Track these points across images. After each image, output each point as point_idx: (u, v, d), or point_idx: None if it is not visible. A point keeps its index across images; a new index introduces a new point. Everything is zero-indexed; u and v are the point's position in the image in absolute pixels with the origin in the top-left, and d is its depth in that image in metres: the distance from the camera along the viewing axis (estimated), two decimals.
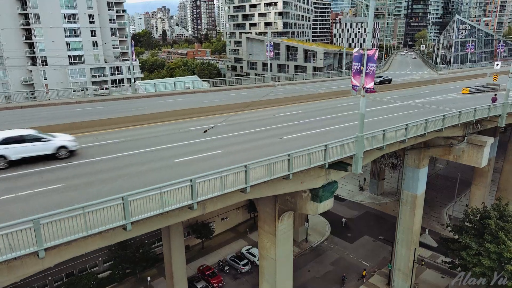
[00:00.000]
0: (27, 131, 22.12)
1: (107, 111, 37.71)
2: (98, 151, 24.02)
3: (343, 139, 22.53)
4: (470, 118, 34.08)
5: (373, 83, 21.34)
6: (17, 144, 20.97)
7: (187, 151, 24.46)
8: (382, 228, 59.67)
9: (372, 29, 21.99)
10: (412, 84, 62.33)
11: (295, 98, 44.25)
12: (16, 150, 20.86)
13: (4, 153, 20.51)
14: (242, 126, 32.10)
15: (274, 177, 19.14)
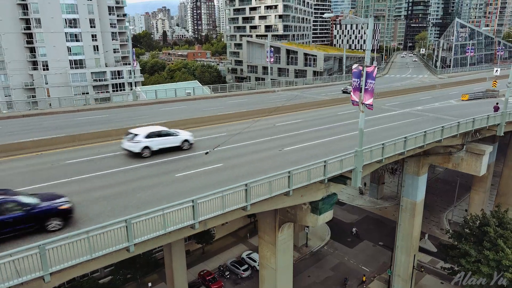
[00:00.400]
0: (162, 128, 27.79)
1: (109, 120, 38.05)
2: None
3: (342, 154, 22.83)
4: (469, 128, 34.37)
5: (372, 99, 21.61)
6: (157, 137, 26.52)
7: (188, 165, 24.73)
8: (382, 233, 59.93)
9: (371, 43, 22.26)
10: (411, 90, 62.54)
11: (295, 106, 44.56)
12: (157, 142, 26.50)
13: (149, 145, 26.02)
14: (242, 137, 32.31)
15: (274, 194, 19.44)
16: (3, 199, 14.92)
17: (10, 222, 14.28)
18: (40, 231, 15.03)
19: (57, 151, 27.49)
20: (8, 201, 14.86)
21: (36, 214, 15.04)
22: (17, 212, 14.68)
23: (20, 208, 14.85)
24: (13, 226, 14.37)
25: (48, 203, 15.83)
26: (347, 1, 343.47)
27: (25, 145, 26.69)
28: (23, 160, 25.46)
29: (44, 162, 24.95)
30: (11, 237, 14.37)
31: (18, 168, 23.75)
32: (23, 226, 14.65)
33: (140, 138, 25.95)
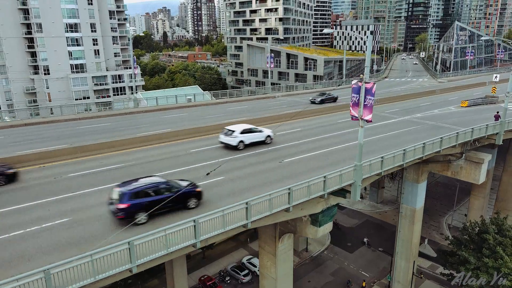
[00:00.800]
0: (251, 126, 33.43)
1: (111, 129, 38.32)
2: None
3: (341, 168, 23.10)
4: (468, 138, 34.62)
5: (371, 115, 21.88)
6: (248, 133, 32.25)
7: (190, 178, 24.96)
8: (382, 237, 60.09)
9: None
10: (411, 96, 62.73)
11: (295, 114, 44.74)
12: (248, 137, 32.24)
13: (243, 139, 31.80)
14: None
15: (274, 211, 19.71)
16: (160, 183, 19.90)
17: (164, 200, 18.95)
18: (182, 208, 19.89)
19: (60, 163, 27.73)
20: (163, 185, 19.76)
21: (182, 195, 19.71)
22: (169, 193, 19.52)
23: (171, 190, 19.72)
24: (167, 203, 18.89)
25: (189, 187, 20.48)
26: (347, 2, 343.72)
27: (27, 158, 26.91)
28: (26, 173, 25.71)
29: (46, 176, 25.19)
30: (165, 212, 19.27)
31: (19, 183, 23.95)
32: (172, 204, 19.29)
33: (236, 133, 31.76)
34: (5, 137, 34.74)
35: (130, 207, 18.25)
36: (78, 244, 16.52)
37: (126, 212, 18.20)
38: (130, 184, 19.50)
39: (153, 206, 18.39)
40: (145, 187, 19.32)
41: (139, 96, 59.36)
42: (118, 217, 18.42)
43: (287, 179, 24.35)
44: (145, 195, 18.97)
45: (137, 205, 18.40)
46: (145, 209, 18.38)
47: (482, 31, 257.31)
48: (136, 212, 18.31)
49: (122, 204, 18.26)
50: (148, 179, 20.29)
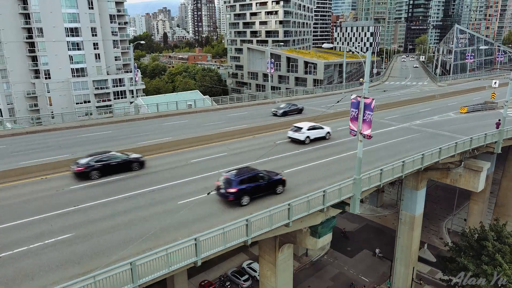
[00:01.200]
0: (315, 123, 38.86)
1: (113, 137, 38.55)
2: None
3: (341, 182, 23.34)
4: (466, 147, 34.86)
5: (370, 130, 22.10)
6: (313, 130, 37.58)
7: (191, 191, 25.24)
8: (382, 242, 60.25)
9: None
10: (410, 102, 62.89)
11: (295, 122, 44.99)
12: (313, 133, 37.61)
13: (309, 135, 37.08)
14: (243, 157, 32.81)
15: (274, 226, 19.97)
16: (257, 172, 24.27)
17: (261, 186, 23.64)
18: (272, 194, 24.15)
19: (61, 174, 27.96)
20: (259, 174, 24.15)
21: (272, 182, 24.17)
22: (263, 180, 23.90)
23: (265, 178, 24.02)
24: (262, 189, 23.63)
25: (277, 176, 24.70)
26: (347, 3, 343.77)
27: (30, 170, 27.15)
28: (28, 185, 25.97)
29: (49, 188, 25.42)
30: (260, 196, 23.67)
31: (22, 196, 24.21)
32: (266, 190, 23.93)
33: (304, 130, 37.10)
34: (7, 146, 34.95)
35: (238, 192, 22.61)
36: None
37: (235, 196, 22.52)
38: (234, 173, 23.77)
39: (253, 191, 23.20)
40: (248, 175, 23.50)
41: (139, 101, 59.57)
42: (229, 199, 22.67)
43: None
44: (248, 182, 23.18)
45: (243, 190, 22.78)
46: (248, 193, 22.88)
47: (482, 32, 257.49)
48: (242, 195, 22.69)
49: (232, 188, 22.51)
50: (245, 169, 24.62)
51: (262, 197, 23.62)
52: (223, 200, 22.98)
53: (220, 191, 23.31)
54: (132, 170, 28.51)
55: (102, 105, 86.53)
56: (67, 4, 79.68)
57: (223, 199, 23.01)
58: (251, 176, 23.56)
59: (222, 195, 23.05)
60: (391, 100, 65.46)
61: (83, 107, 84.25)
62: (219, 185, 23.59)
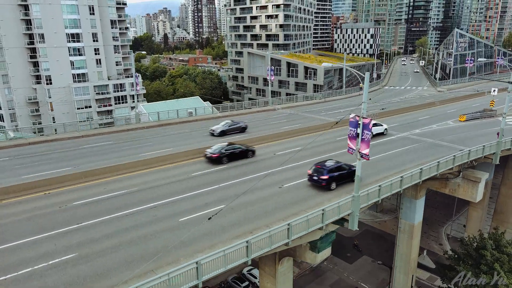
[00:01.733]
0: (377, 121, 45.67)
1: (114, 149, 38.87)
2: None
3: (340, 200, 23.72)
4: (465, 159, 35.20)
5: (368, 149, 22.44)
6: (375, 126, 44.67)
7: (191, 206, 25.60)
8: (381, 248, 60.49)
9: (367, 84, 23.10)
10: (410, 109, 63.15)
11: (294, 132, 45.42)
12: (376, 129, 44.83)
13: (373, 131, 43.17)
14: (243, 170, 33.18)
15: (274, 246, 20.34)
16: (340, 163, 30.17)
17: (344, 175, 29.43)
18: (350, 181, 29.09)
19: (65, 189, 28.32)
20: (342, 165, 29.96)
21: (351, 172, 29.45)
22: (345, 170, 29.77)
23: (346, 168, 29.96)
24: (344, 177, 29.48)
25: (354, 167, 28.26)
26: (347, 4, 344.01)
27: (33, 185, 27.52)
28: (31, 201, 26.32)
29: (51, 204, 25.76)
30: (342, 183, 29.30)
31: (25, 213, 24.55)
32: (347, 178, 29.65)
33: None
34: (10, 159, 35.32)
35: (329, 179, 28.43)
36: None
37: (326, 182, 28.33)
38: (324, 164, 29.63)
39: (338, 178, 28.99)
40: (335, 165, 29.55)
41: (140, 108, 60.01)
42: (322, 184, 28.50)
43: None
44: (335, 171, 29.05)
45: (332, 177, 28.64)
46: (335, 180, 28.74)
47: (483, 33, 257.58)
48: (331, 181, 28.55)
49: (324, 176, 28.43)
50: (330, 161, 30.61)
51: (343, 184, 29.38)
52: (315, 185, 28.96)
53: (313, 178, 29.07)
54: (247, 158, 36.25)
55: (103, 110, 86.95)
56: (68, 10, 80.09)
57: (316, 185, 28.88)
58: (337, 166, 29.63)
59: (316, 181, 28.88)
60: (390, 107, 65.72)
61: (84, 112, 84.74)
62: (310, 174, 29.41)
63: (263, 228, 22.21)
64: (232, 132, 44.97)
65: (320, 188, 28.64)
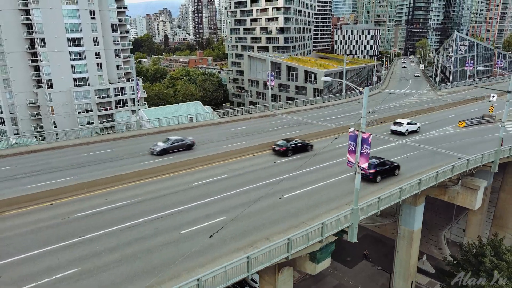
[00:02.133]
0: (411, 120, 53.07)
1: (115, 157, 39.12)
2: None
3: (339, 213, 23.98)
4: (463, 169, 35.47)
5: (367, 163, 22.72)
6: (410, 125, 50.99)
7: (193, 218, 25.87)
8: (381, 252, 60.65)
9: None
10: (409, 114, 63.24)
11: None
12: (410, 127, 50.94)
13: (408, 128, 50.52)
14: (243, 179, 33.46)
15: (274, 261, 20.62)
16: (383, 159, 35.09)
17: (387, 169, 34.08)
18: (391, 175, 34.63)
19: (67, 200, 28.60)
20: (386, 161, 35.02)
21: (393, 167, 34.87)
22: (388, 165, 34.48)
23: (388, 163, 34.69)
24: (387, 171, 34.06)
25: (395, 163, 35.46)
26: (348, 5, 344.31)
27: (36, 196, 27.80)
28: (34, 213, 26.60)
29: (54, 216, 26.03)
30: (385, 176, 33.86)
31: (29, 225, 24.82)
32: (389, 172, 34.34)
33: (404, 125, 50.34)
34: (12, 167, 35.58)
35: (375, 172, 32.94)
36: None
37: (373, 175, 32.84)
38: (371, 160, 31.95)
39: (383, 172, 33.61)
40: (381, 161, 34.30)
41: (141, 113, 60.34)
42: (370, 177, 32.70)
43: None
44: (380, 166, 33.77)
45: (378, 171, 33.27)
46: (380, 173, 33.34)
47: (483, 35, 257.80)
48: (377, 175, 33.17)
49: (372, 170, 32.50)
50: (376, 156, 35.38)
51: (386, 177, 33.77)
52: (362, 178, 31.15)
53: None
54: (307, 151, 41.69)
55: (104, 114, 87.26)
56: (69, 15, 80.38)
57: (363, 178, 31.39)
58: (381, 162, 34.22)
59: (363, 175, 30.77)
60: (390, 111, 65.98)
61: (85, 116, 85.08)
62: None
63: (263, 241, 22.52)
64: (175, 150, 40.64)
65: (368, 180, 32.87)
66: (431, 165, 37.76)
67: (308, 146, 42.16)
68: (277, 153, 40.43)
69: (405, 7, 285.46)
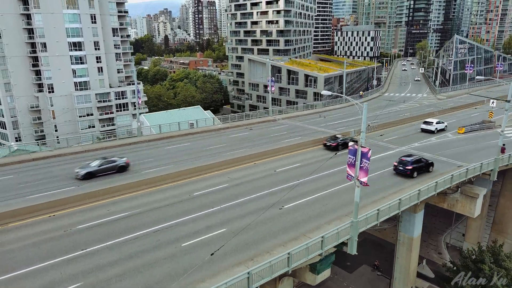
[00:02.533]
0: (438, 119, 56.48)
1: None
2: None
3: (339, 226, 24.22)
4: (462, 178, 35.70)
5: (367, 177, 22.96)
6: (439, 124, 56.08)
7: (192, 230, 26.08)
8: (381, 257, 60.84)
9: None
10: (409, 120, 63.47)
11: (294, 146, 45.87)
12: (439, 126, 56.37)
13: (437, 127, 55.39)
14: (245, 188, 33.67)
15: (275, 275, 20.86)
16: (418, 156, 38.75)
17: (422, 166, 37.53)
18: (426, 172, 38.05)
19: (69, 211, 28.83)
20: (422, 158, 38.29)
21: (428, 164, 38.17)
22: (423, 163, 38.09)
23: (423, 161, 38.09)
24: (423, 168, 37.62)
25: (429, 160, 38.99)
26: (348, 5, 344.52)
27: (38, 207, 28.04)
28: (36, 224, 26.83)
29: (56, 228, 26.27)
30: (421, 172, 37.63)
31: (31, 238, 25.05)
32: (424, 168, 37.98)
33: (434, 124, 55.41)
34: (15, 177, 35.82)
35: (412, 169, 36.53)
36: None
37: (411, 171, 36.40)
38: (408, 157, 37.88)
39: (419, 169, 37.05)
40: (417, 158, 37.90)
41: (142, 119, 60.61)
42: (407, 173, 36.50)
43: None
44: (416, 163, 37.19)
45: (415, 168, 36.77)
46: (416, 170, 36.77)
47: (483, 36, 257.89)
48: (414, 171, 36.57)
49: (409, 166, 36.65)
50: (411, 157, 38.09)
51: (422, 173, 37.18)
52: (400, 174, 37.19)
53: (398, 168, 37.26)
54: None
55: (105, 117, 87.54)
56: (70, 19, 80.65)
57: (401, 173, 37.06)
58: (417, 159, 37.71)
59: (401, 171, 37.01)
60: (390, 117, 66.11)
61: (86, 120, 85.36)
62: (396, 165, 37.57)
63: (264, 255, 22.77)
64: (104, 173, 35.86)
65: (405, 176, 36.64)
66: (431, 174, 37.99)
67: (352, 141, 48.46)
68: (329, 148, 46.83)
69: (405, 8, 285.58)
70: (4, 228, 26.19)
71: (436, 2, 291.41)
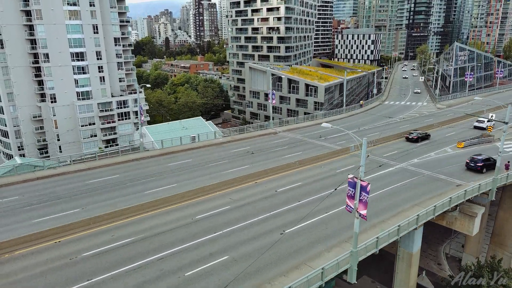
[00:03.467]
0: (487, 118, 66.81)
1: (119, 184, 39.89)
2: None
3: (338, 257, 24.76)
4: (461, 200, 36.22)
5: (366, 210, 23.50)
6: (489, 122, 66.09)
7: (196, 258, 26.61)
8: (380, 268, 61.22)
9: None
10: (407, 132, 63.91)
11: (295, 164, 46.33)
12: (488, 124, 66.01)
13: (488, 125, 66.38)
14: (246, 211, 34.14)
15: None
16: (487, 156, 46.65)
17: (491, 164, 44.91)
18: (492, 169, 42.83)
19: (74, 236, 29.38)
20: (490, 157, 45.71)
21: (494, 162, 43.13)
22: (491, 161, 45.07)
23: (491, 160, 45.26)
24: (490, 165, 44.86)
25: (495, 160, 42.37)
26: (348, 7, 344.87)
27: (44, 234, 28.60)
28: (42, 252, 27.36)
29: (62, 256, 26.79)
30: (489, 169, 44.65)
31: (37, 267, 25.55)
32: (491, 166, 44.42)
33: (485, 122, 66.08)
34: (19, 197, 36.35)
35: (482, 166, 44.61)
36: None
37: (481, 167, 44.43)
38: (478, 156, 46.09)
39: (487, 166, 44.59)
40: (485, 157, 45.60)
41: (144, 131, 61.18)
42: (478, 169, 44.59)
43: None
44: (486, 160, 45.11)
45: (484, 165, 44.71)
46: (486, 167, 44.62)
47: (483, 39, 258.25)
48: (484, 167, 44.55)
49: (480, 163, 44.82)
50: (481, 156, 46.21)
51: (489, 170, 43.97)
52: (470, 169, 45.37)
53: (470, 165, 45.43)
54: (428, 139, 60.21)
55: (107, 126, 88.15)
56: (73, 30, 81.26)
57: (472, 169, 45.10)
58: (486, 157, 45.41)
59: (473, 167, 45.08)
60: (389, 130, 66.44)
61: (88, 129, 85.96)
62: (468, 162, 45.72)
63: (265, 285, 23.27)
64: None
65: (475, 171, 44.62)
66: (429, 194, 38.55)
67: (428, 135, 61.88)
68: (411, 140, 59.26)
69: (405, 11, 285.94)
70: (11, 256, 26.72)
71: (437, 5, 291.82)
